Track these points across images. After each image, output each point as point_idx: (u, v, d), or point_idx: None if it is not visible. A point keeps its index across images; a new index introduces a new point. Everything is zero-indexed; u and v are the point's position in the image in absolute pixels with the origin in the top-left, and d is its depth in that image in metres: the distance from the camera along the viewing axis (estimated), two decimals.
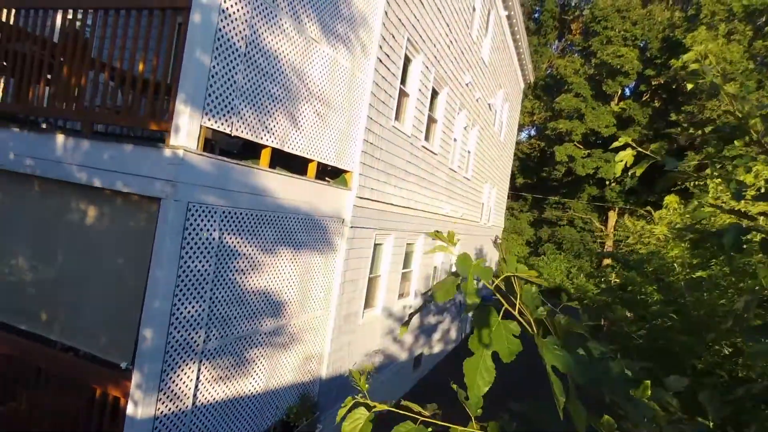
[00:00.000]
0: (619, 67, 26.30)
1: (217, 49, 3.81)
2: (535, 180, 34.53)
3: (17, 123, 4.38)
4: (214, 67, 3.82)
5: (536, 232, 34.00)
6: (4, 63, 4.46)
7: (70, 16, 4.24)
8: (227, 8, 3.84)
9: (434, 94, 9.21)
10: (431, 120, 9.33)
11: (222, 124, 4.00)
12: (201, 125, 3.79)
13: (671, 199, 10.94)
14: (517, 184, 33.71)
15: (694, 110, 23.29)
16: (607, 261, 30.57)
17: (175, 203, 3.64)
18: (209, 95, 3.82)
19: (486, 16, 12.16)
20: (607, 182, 29.50)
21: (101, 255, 4.06)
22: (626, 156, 2.08)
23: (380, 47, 6.48)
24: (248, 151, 4.89)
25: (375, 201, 7.06)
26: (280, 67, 4.61)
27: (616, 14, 27.15)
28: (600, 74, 28.17)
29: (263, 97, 4.44)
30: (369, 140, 6.58)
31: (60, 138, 4.07)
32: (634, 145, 2.06)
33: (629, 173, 2.16)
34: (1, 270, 4.42)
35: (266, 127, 4.55)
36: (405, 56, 7.43)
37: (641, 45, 27.41)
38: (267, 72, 4.43)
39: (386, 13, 6.47)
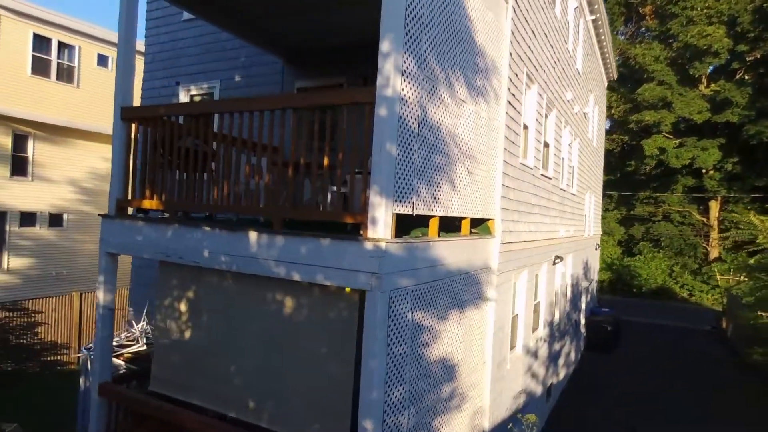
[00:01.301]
0: (706, 47, 24.46)
1: (400, 136, 3.87)
2: (618, 176, 32.67)
3: (207, 222, 4.67)
4: (398, 155, 3.87)
5: (627, 231, 32.06)
6: (209, 170, 4.81)
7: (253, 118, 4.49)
8: (404, 96, 3.89)
9: (545, 118, 8.96)
10: (545, 146, 9.07)
11: (406, 207, 4.04)
12: (393, 213, 3.84)
13: None
14: None
15: None
16: (714, 255, 28.24)
17: (381, 294, 3.70)
18: (396, 182, 3.87)
19: (577, 26, 11.75)
20: (704, 170, 27.37)
21: (302, 344, 4.20)
22: None
23: (508, 89, 6.38)
24: (409, 224, 4.93)
25: (513, 242, 6.91)
26: (442, 136, 4.62)
27: None
28: (683, 58, 26.36)
29: (431, 169, 4.45)
30: (505, 183, 6.46)
31: (253, 235, 4.28)
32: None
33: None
34: (205, 361, 4.70)
35: (435, 198, 4.56)
36: (524, 90, 7.27)
37: (728, 20, 25.34)
38: (433, 145, 4.45)
39: (510, 54, 6.37)
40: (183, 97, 9.40)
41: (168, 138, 5.03)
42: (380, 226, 3.74)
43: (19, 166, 16.39)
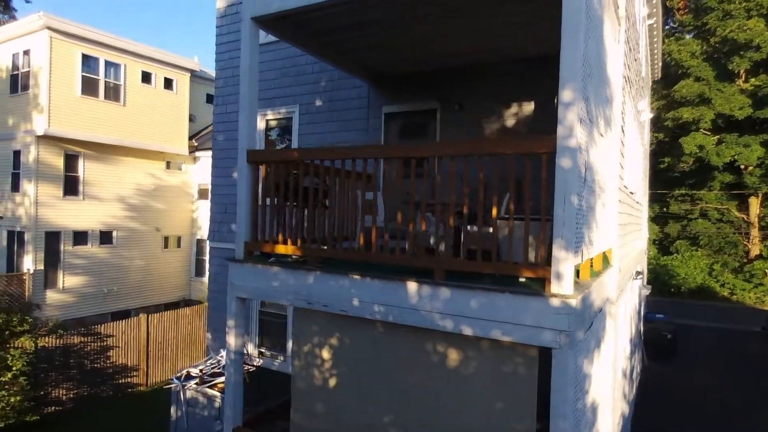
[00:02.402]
0: (746, 41, 23.92)
1: (579, 186, 3.74)
2: (651, 173, 32.16)
3: (354, 269, 4.57)
4: (579, 206, 3.75)
5: (662, 229, 31.55)
6: (351, 213, 4.73)
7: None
8: (581, 144, 3.77)
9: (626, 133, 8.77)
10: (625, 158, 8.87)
11: (580, 257, 3.92)
12: (574, 266, 3.73)
13: None
14: None
15: None
16: (755, 252, 27.69)
17: (571, 352, 3.58)
18: (576, 234, 3.75)
19: (645, 33, 11.52)
20: (742, 167, 26.81)
21: (469, 399, 4.10)
22: None
23: (621, 112, 6.22)
24: None
25: (621, 268, 6.75)
26: (594, 176, 4.49)
27: None
28: (720, 53, 25.81)
29: (588, 212, 4.33)
30: (619, 210, 6.31)
31: (412, 285, 4.19)
32: None
33: None
34: (353, 410, 4.63)
35: (589, 240, 4.43)
36: (626, 110, 7.10)
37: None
38: (590, 187, 4.32)
39: (623, 77, 6.21)
40: (259, 122, 9.35)
41: (292, 179, 4.99)
42: (566, 281, 3.62)
43: (71, 186, 16.57)
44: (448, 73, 7.25)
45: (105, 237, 17.66)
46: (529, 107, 6.83)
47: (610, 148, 5.61)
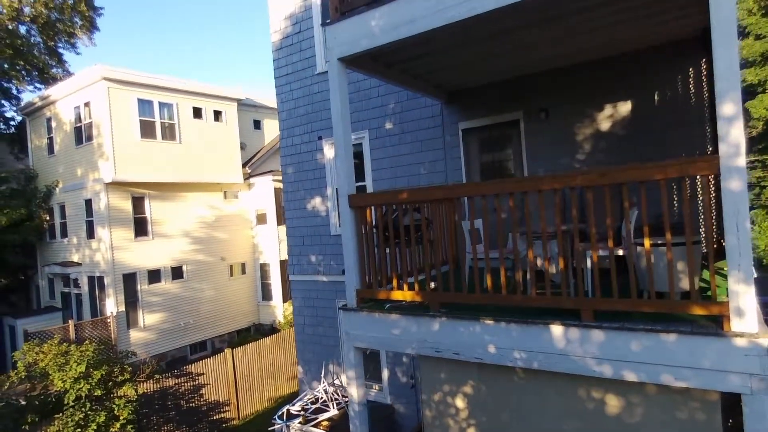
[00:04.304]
0: None
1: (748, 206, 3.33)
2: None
3: (489, 314, 4.32)
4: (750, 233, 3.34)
5: None
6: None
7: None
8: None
9: None
10: None
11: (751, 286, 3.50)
12: (754, 301, 3.32)
13: None
14: None
15: None
16: None
17: (766, 398, 3.18)
18: (753, 265, 3.34)
19: None
20: None
21: None
22: None
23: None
24: None
25: None
26: None
27: None
28: None
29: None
30: None
31: (557, 329, 3.88)
32: None
33: None
34: None
35: None
36: None
37: None
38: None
39: None
40: (327, 151, 9.27)
41: (391, 219, 4.79)
42: (749, 317, 3.22)
43: (141, 227, 17.14)
44: (528, 80, 6.88)
45: (176, 272, 18.18)
46: (625, 107, 6.37)
47: None
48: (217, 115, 19.63)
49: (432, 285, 4.70)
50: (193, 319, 18.46)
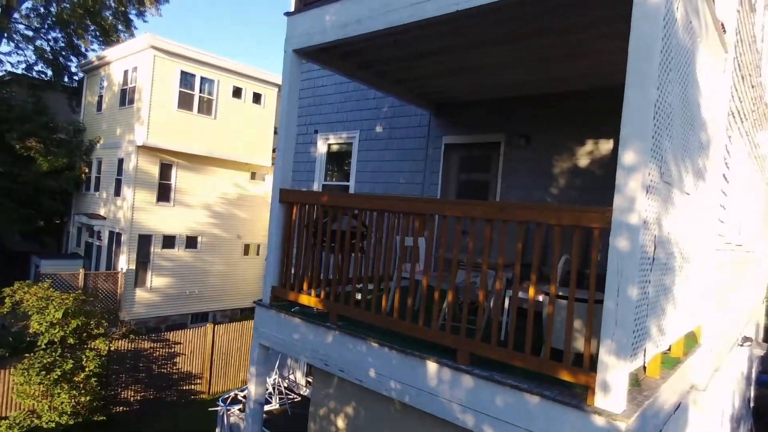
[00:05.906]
0: None
1: (640, 271, 2.94)
2: None
3: (375, 335, 4.09)
4: (642, 294, 2.95)
5: None
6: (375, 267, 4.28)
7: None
8: (646, 218, 2.97)
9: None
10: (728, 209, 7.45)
11: (638, 359, 3.10)
12: (630, 372, 2.93)
13: None
14: None
15: None
16: None
17: None
18: (634, 332, 2.95)
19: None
20: None
21: None
22: None
23: (724, 159, 5.12)
24: None
25: (717, 343, 5.56)
26: (671, 249, 3.61)
27: None
28: None
29: (661, 297, 3.46)
30: (715, 277, 5.17)
31: (431, 366, 3.61)
32: None
33: None
34: None
35: (660, 329, 3.55)
36: (732, 152, 5.90)
37: None
38: (663, 264, 3.45)
39: (729, 113, 5.11)
40: (321, 146, 9.22)
41: (321, 222, 4.62)
42: (614, 395, 2.84)
43: (164, 193, 17.79)
44: (514, 103, 6.52)
45: (191, 242, 18.76)
46: (606, 146, 5.90)
47: (703, 205, 4.58)
48: (257, 97, 20.08)
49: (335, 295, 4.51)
50: (199, 289, 18.98)
